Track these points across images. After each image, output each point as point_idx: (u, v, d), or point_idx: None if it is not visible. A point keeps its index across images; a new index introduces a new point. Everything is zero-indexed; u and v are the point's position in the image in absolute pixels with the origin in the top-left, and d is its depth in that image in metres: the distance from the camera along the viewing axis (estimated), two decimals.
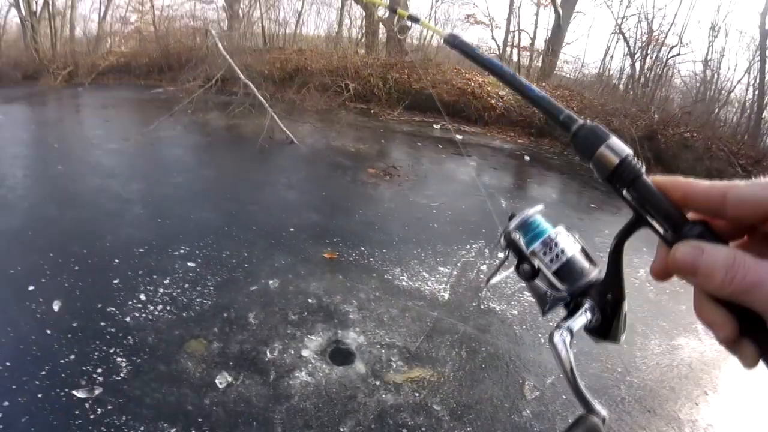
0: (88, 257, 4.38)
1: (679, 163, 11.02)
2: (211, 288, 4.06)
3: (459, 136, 11.37)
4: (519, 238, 0.65)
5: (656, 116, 12.56)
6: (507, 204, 7.15)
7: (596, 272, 0.62)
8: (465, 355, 3.65)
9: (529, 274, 0.62)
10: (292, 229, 5.30)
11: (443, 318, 4.04)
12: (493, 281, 0.73)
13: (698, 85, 15.51)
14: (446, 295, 4.40)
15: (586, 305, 0.59)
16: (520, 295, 4.57)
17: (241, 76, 9.38)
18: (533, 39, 17.65)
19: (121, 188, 6.06)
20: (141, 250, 4.55)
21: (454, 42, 0.72)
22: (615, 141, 0.51)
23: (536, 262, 0.62)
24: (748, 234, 0.48)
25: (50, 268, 4.17)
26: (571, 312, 0.61)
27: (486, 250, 5.40)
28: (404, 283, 4.50)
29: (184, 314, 3.71)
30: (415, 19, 1.12)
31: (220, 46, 10.02)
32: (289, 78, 13.17)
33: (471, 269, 4.94)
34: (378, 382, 3.23)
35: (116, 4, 17.97)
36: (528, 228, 0.66)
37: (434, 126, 12.07)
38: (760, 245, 0.46)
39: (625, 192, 0.52)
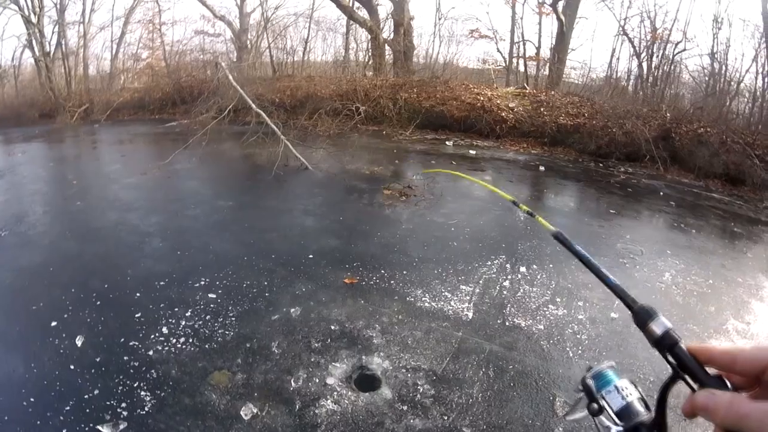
0: (110, 292, 4.41)
1: (695, 160, 10.88)
2: (233, 318, 4.05)
3: (473, 152, 11.35)
4: (592, 384, 0.87)
5: (668, 115, 12.42)
6: (525, 218, 7.09)
7: (648, 414, 0.80)
8: (492, 374, 3.59)
9: (596, 412, 0.84)
10: (311, 256, 5.28)
11: (468, 337, 3.98)
12: (570, 418, 0.99)
13: (707, 78, 15.32)
14: (470, 314, 4.34)
15: None
16: (545, 309, 4.51)
17: (253, 105, 9.47)
18: (538, 48, 17.70)
19: (140, 222, 6.11)
20: (162, 282, 4.57)
21: (561, 238, 1.11)
22: (661, 318, 0.72)
23: (603, 403, 0.83)
24: (757, 385, 0.62)
25: (72, 303, 4.20)
26: None
27: (507, 266, 5.35)
28: (427, 304, 4.45)
29: (206, 346, 3.70)
30: (531, 214, 1.45)
31: (230, 77, 10.14)
32: (300, 105, 13.29)
33: (493, 286, 4.88)
34: (405, 407, 3.18)
35: (127, 42, 18.37)
36: (600, 377, 0.88)
37: (447, 143, 12.08)
38: (765, 391, 0.61)
39: (667, 355, 0.69)
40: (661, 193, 9.23)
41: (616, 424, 0.80)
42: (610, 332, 4.20)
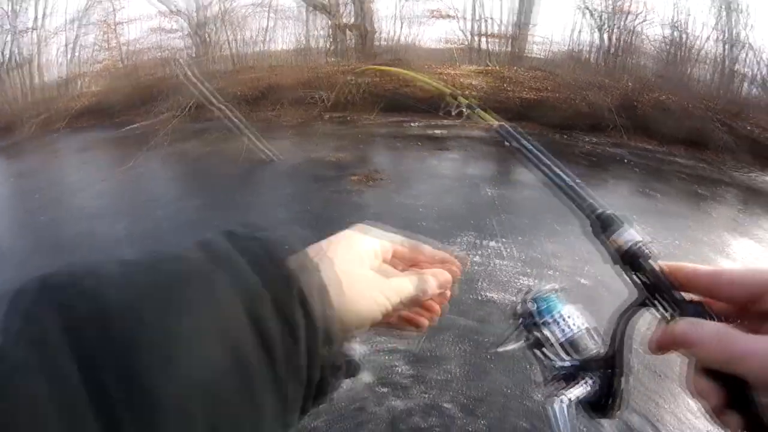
0: None
1: (658, 126, 11.12)
2: None
3: (438, 131, 11.40)
4: (533, 308, 0.72)
5: (630, 84, 12.67)
6: (492, 192, 7.18)
7: (600, 348, 0.67)
8: (469, 348, 3.67)
9: (537, 343, 0.69)
10: None
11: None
12: (502, 349, 0.76)
13: (668, 47, 15.57)
14: None
15: (587, 378, 0.63)
16: (516, 280, 4.61)
17: (214, 101, 9.36)
18: (500, 25, 17.70)
19: (108, 229, 6.04)
20: None
21: (503, 132, 0.88)
22: (629, 229, 0.59)
23: (545, 333, 0.69)
24: (743, 314, 0.52)
25: None
26: (573, 384, 0.63)
27: (477, 241, 5.43)
28: None
29: None
30: (471, 107, 1.25)
31: (189, 73, 10.00)
32: (263, 96, 13.16)
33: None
34: (386, 389, 3.24)
35: (83, 45, 17.88)
36: (542, 301, 0.72)
37: (412, 125, 12.10)
38: (754, 324, 0.50)
39: (633, 274, 0.58)
40: (626, 161, 9.42)
41: (561, 358, 0.67)
42: (580, 297, 4.24)
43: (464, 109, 1.27)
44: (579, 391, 0.62)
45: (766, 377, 0.43)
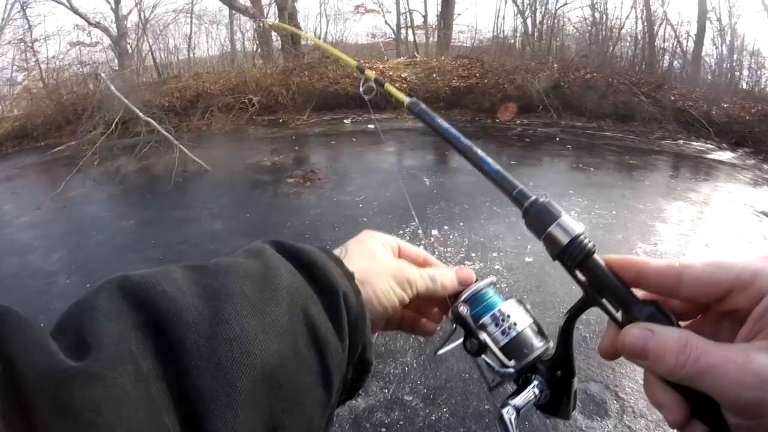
0: None
1: (585, 104, 11.61)
2: None
3: (372, 126, 11.49)
4: (466, 312, 0.63)
5: (555, 65, 13.08)
6: (431, 182, 7.32)
7: (546, 346, 0.62)
8: (422, 339, 3.71)
9: (476, 349, 0.61)
10: None
11: None
12: (441, 352, 0.69)
13: (590, 28, 16.16)
14: None
15: (535, 382, 0.58)
16: (462, 265, 4.71)
17: (140, 114, 9.18)
18: (425, 16, 17.92)
19: (42, 261, 5.85)
20: None
21: (415, 109, 0.78)
22: (566, 219, 0.52)
23: (484, 337, 0.61)
24: (701, 314, 0.49)
25: None
26: (520, 388, 0.59)
27: (419, 231, 5.54)
28: None
29: None
30: (380, 83, 1.13)
31: (112, 87, 9.76)
32: (191, 105, 12.93)
33: None
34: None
35: (0, 66, 17.12)
36: (478, 300, 0.65)
37: (345, 121, 12.16)
38: (713, 325, 0.47)
39: (576, 271, 0.52)
40: (558, 139, 9.74)
41: (503, 364, 0.59)
42: (527, 276, 4.47)
43: (372, 84, 1.19)
44: (527, 396, 0.57)
45: (735, 395, 0.38)
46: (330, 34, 17.21)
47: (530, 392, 0.57)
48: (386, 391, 3.26)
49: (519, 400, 0.56)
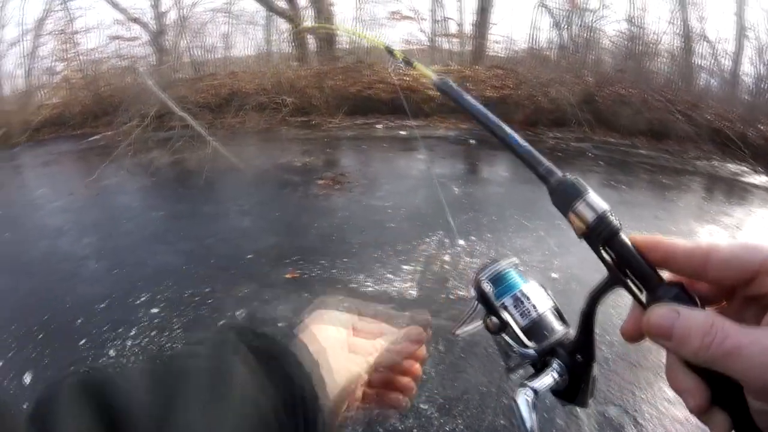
0: (51, 323, 4.30)
1: (620, 119, 11.42)
2: (179, 331, 4.05)
3: (403, 132, 11.48)
4: (489, 289, 0.63)
5: (590, 79, 12.93)
6: (460, 191, 7.28)
7: (566, 332, 0.60)
8: (443, 348, 3.69)
9: (496, 328, 0.61)
10: (250, 256, 5.30)
11: None
12: (460, 331, 0.68)
13: (626, 42, 15.94)
14: (414, 293, 4.47)
15: (554, 365, 0.57)
16: None
17: (176, 109, 9.31)
18: (460, 25, 17.84)
19: (72, 246, 5.95)
20: (102, 305, 4.50)
21: (444, 87, 0.76)
22: (593, 196, 0.51)
23: (505, 316, 0.61)
24: (727, 297, 0.47)
25: (14, 341, 4.08)
26: (538, 371, 0.58)
27: (446, 240, 5.50)
28: (370, 289, 4.56)
29: None
30: (408, 62, 1.13)
31: (149, 82, 9.93)
32: (226, 103, 13.04)
33: (434, 262, 5.03)
34: None
35: (40, 56, 17.46)
36: (500, 280, 0.64)
37: (377, 126, 12.16)
38: (740, 309, 0.46)
39: (601, 250, 0.50)
40: (590, 154, 9.62)
41: (524, 344, 0.59)
42: (552, 291, 4.36)
43: (401, 63, 1.17)
44: (545, 380, 0.56)
45: (761, 377, 0.37)
46: (365, 41, 17.19)
47: (549, 375, 0.57)
48: (402, 398, 3.21)
49: (537, 382, 0.56)
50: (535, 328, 0.60)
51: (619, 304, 0.52)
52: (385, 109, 13.06)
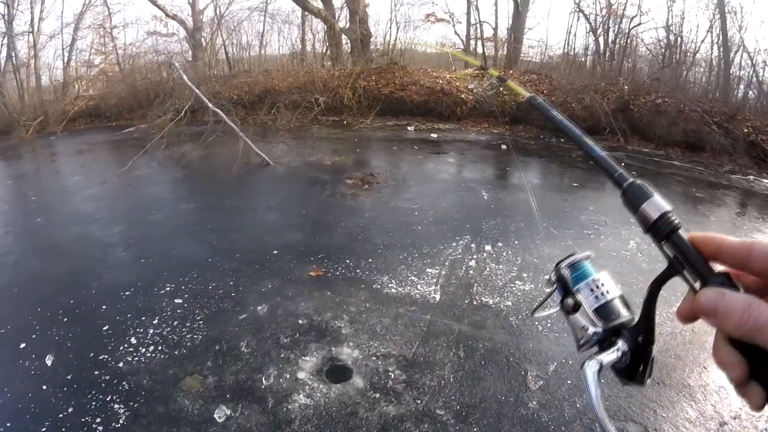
0: (76, 307, 4.34)
1: (654, 129, 11.17)
2: (201, 322, 4.04)
3: (434, 135, 11.39)
4: (567, 275, 0.74)
5: (626, 87, 12.68)
6: (489, 196, 7.17)
7: (631, 317, 0.68)
8: (463, 354, 3.64)
9: (571, 308, 0.70)
10: (275, 252, 5.28)
11: (437, 320, 4.04)
12: (538, 315, 0.80)
13: (663, 50, 15.61)
14: (437, 297, 4.40)
15: (618, 344, 0.64)
16: (512, 285, 4.59)
17: (209, 104, 9.36)
18: (495, 29, 17.73)
19: (102, 233, 6.02)
20: (127, 292, 4.52)
21: (535, 103, 0.91)
22: (657, 199, 0.60)
23: (579, 298, 0.70)
24: None
25: (39, 322, 4.12)
26: (604, 348, 0.65)
27: (473, 245, 5.42)
28: (393, 290, 4.50)
29: (176, 352, 3.68)
30: (502, 80, 1.26)
31: (185, 77, 10.01)
32: (259, 100, 13.15)
33: (459, 266, 4.95)
34: (378, 395, 3.23)
35: (79, 49, 17.85)
36: (576, 268, 0.74)
37: (408, 128, 12.10)
38: None
39: (662, 244, 0.59)
40: (623, 164, 9.23)
41: (594, 324, 0.68)
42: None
43: (495, 81, 1.24)
44: (610, 356, 0.63)
45: None
46: (399, 41, 17.17)
47: (614, 352, 0.63)
48: (419, 401, 3.18)
49: (603, 356, 0.63)
50: (604, 311, 0.68)
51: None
52: (417, 112, 13.02)
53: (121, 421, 3.05)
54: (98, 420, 3.06)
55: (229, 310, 4.22)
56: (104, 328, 4.00)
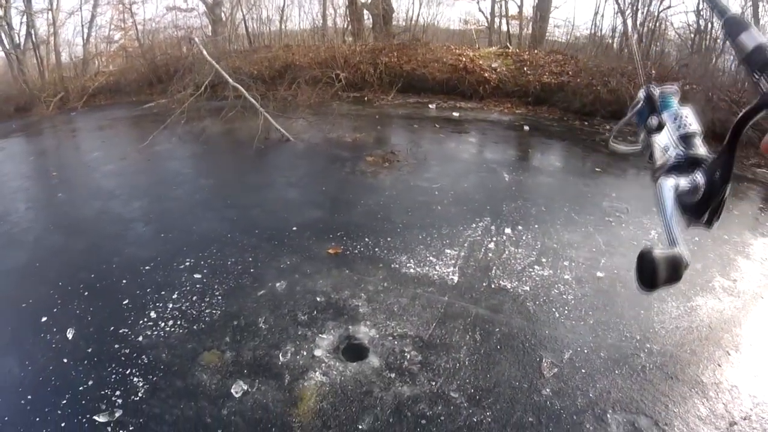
0: (96, 281, 4.40)
1: None
2: (219, 297, 4.06)
3: (456, 114, 11.26)
4: (656, 94, 0.77)
5: (653, 72, 12.37)
6: (510, 178, 7.08)
7: (709, 155, 0.71)
8: (479, 338, 3.62)
9: (654, 128, 0.74)
10: (294, 228, 5.28)
11: (454, 302, 4.02)
12: (614, 145, 0.88)
13: (693, 36, 15.18)
14: (455, 278, 4.37)
15: (696, 173, 0.67)
16: (531, 270, 4.54)
17: (230, 80, 9.33)
18: (520, 7, 17.38)
19: (123, 208, 6.07)
20: (147, 267, 4.56)
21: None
22: (755, 31, 0.61)
23: (664, 118, 0.74)
24: None
25: (60, 297, 4.18)
26: (682, 173, 0.68)
27: (492, 228, 5.36)
28: (412, 271, 4.47)
29: (195, 327, 3.71)
30: None
31: (205, 52, 9.96)
32: (279, 75, 13.07)
33: (478, 249, 4.90)
34: (393, 375, 3.22)
35: (98, 25, 17.86)
36: (664, 97, 0.78)
37: (429, 106, 11.97)
38: None
39: (756, 76, 0.59)
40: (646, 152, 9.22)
41: (676, 146, 0.71)
42: (596, 291, 4.24)
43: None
44: (687, 180, 0.66)
45: None
46: (422, 17, 16.92)
47: (690, 178, 0.66)
48: (433, 383, 3.19)
49: (680, 179, 0.65)
50: (687, 141, 0.71)
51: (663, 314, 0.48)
52: (438, 89, 12.85)
53: (140, 394, 3.09)
54: (117, 393, 3.11)
55: (247, 285, 4.24)
56: (124, 302, 4.05)
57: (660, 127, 0.72)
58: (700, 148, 0.69)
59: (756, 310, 4.18)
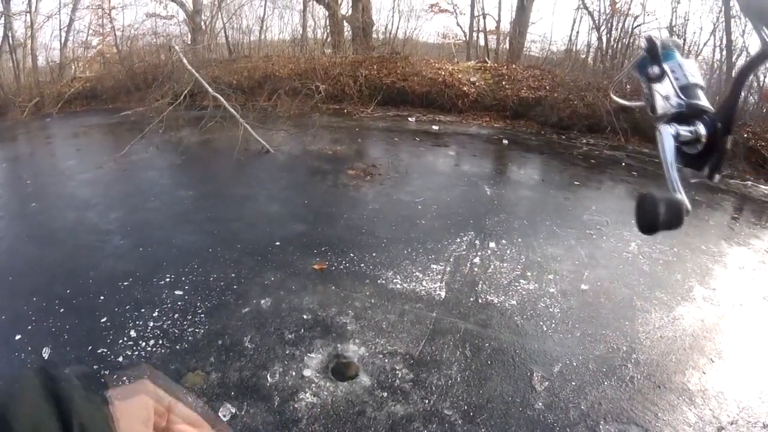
0: (73, 297, 4.23)
1: (655, 130, 11.07)
2: (202, 315, 3.94)
3: (435, 127, 11.29)
4: (659, 43, 0.75)
5: (628, 87, 12.57)
6: (491, 192, 7.10)
7: (710, 108, 0.68)
8: (469, 353, 3.59)
9: (656, 76, 0.73)
10: (278, 243, 5.19)
11: (443, 318, 3.98)
12: (615, 97, 1.11)
13: None
14: (443, 294, 4.34)
15: (698, 123, 0.66)
16: (517, 284, 4.53)
17: (209, 89, 9.22)
18: (498, 22, 17.60)
19: (99, 220, 5.90)
20: (125, 283, 4.41)
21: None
22: None
23: (666, 67, 0.72)
24: None
25: (35, 313, 4.01)
26: (683, 123, 0.67)
27: (477, 242, 5.35)
28: (398, 286, 4.42)
29: (177, 347, 3.59)
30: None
31: (184, 60, 9.84)
32: (259, 86, 12.99)
33: (464, 263, 4.88)
34: (385, 394, 3.16)
35: (77, 29, 17.58)
36: (666, 47, 0.75)
37: (409, 119, 12.00)
38: None
39: (763, 29, 0.56)
40: (623, 164, 9.36)
41: (677, 95, 0.70)
42: (581, 304, 4.26)
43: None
44: (688, 129, 0.65)
45: None
46: (401, 31, 17.01)
47: (692, 128, 0.64)
48: (426, 401, 3.14)
49: (681, 128, 0.64)
50: (688, 91, 0.69)
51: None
52: (418, 103, 12.91)
53: None
54: None
55: (231, 303, 4.12)
56: (102, 320, 3.89)
57: (661, 75, 0.70)
58: (702, 99, 0.67)
59: (736, 318, 4.30)
